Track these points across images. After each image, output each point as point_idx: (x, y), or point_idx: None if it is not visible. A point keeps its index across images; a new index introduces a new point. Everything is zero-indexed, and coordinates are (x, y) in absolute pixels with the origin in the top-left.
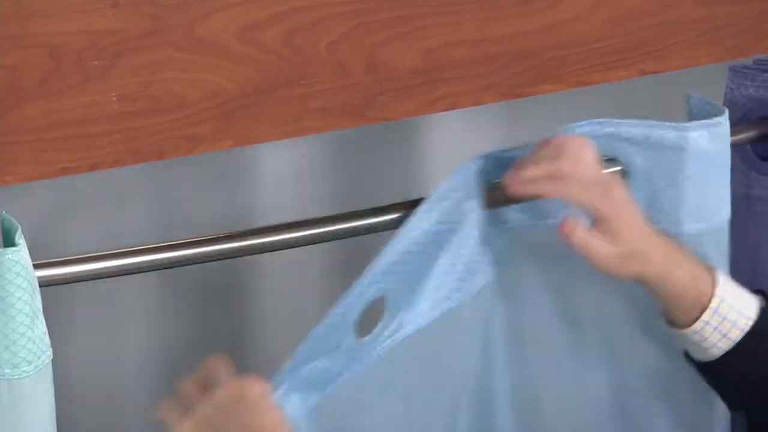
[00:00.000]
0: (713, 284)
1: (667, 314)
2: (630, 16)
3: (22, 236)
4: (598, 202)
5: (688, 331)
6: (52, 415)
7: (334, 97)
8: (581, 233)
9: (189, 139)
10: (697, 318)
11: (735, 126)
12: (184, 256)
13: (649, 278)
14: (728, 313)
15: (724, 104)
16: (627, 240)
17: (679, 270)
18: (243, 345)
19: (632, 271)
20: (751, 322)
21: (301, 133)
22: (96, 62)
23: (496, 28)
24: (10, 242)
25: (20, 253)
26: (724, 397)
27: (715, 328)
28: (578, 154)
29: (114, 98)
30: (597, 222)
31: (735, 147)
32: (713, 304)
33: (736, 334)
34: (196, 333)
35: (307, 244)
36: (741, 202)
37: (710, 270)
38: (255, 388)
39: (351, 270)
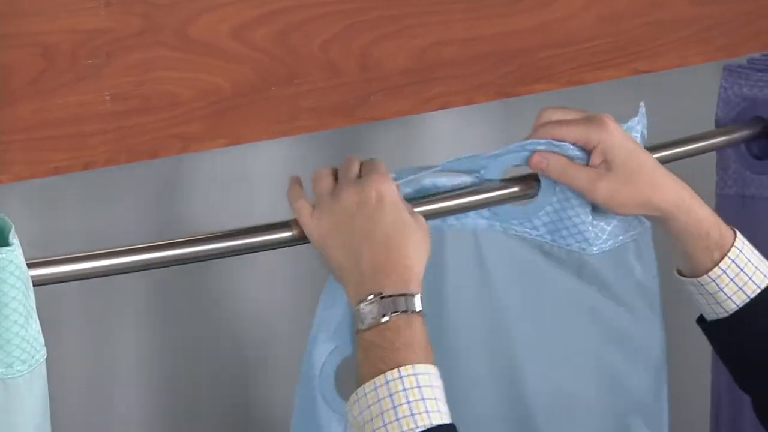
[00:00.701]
0: (733, 235)
1: (684, 259)
2: (622, 15)
3: (16, 236)
4: (586, 133)
5: (704, 278)
6: (47, 415)
7: (327, 97)
8: (557, 161)
9: (181, 138)
10: (716, 265)
11: (729, 125)
12: (178, 255)
13: (664, 208)
14: (746, 266)
15: (718, 104)
16: (624, 164)
17: (700, 207)
18: (238, 344)
19: (640, 200)
20: (767, 281)
21: (294, 133)
22: (88, 61)
23: (487, 27)
24: (3, 242)
25: (14, 253)
26: (732, 364)
27: (732, 279)
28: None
29: (106, 97)
30: (591, 154)
31: (730, 146)
32: (732, 254)
33: (752, 289)
34: (191, 332)
35: (299, 244)
36: (736, 201)
37: (727, 224)
38: (376, 188)
39: None
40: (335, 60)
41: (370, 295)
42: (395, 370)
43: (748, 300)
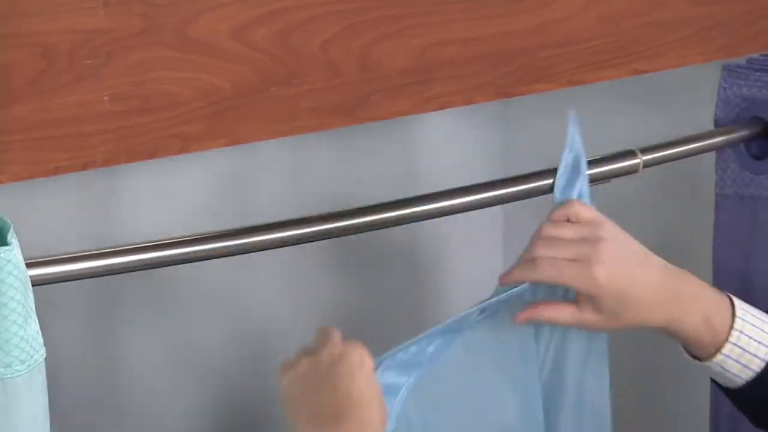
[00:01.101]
0: (731, 319)
1: (686, 348)
2: (621, 15)
3: (15, 235)
4: (576, 286)
5: (708, 363)
6: (46, 415)
7: (327, 97)
8: (546, 311)
9: (181, 138)
10: (714, 355)
11: (728, 125)
12: (178, 254)
13: (653, 328)
14: (748, 346)
15: (717, 104)
16: (610, 308)
17: (688, 316)
18: (238, 344)
19: (628, 327)
20: None
21: (294, 133)
22: (88, 61)
23: (487, 27)
24: (2, 241)
25: (12, 252)
26: (752, 420)
27: (736, 360)
28: (551, 231)
29: (106, 97)
30: (578, 296)
31: (729, 146)
32: (732, 339)
33: (758, 364)
34: (191, 332)
35: (300, 243)
36: (734, 201)
37: (725, 302)
38: (357, 353)
39: (342, 269)
40: (335, 60)
41: None
42: None
43: (755, 374)
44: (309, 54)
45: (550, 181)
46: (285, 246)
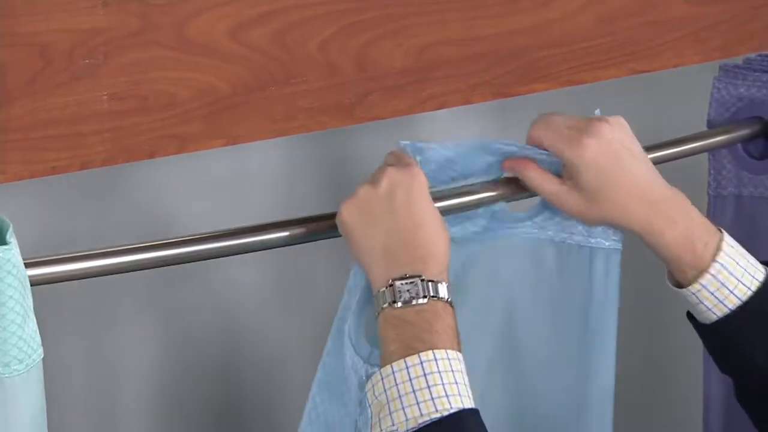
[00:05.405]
0: (715, 249)
1: (668, 270)
2: (619, 15)
3: (14, 234)
4: (558, 148)
5: (684, 291)
6: (43, 414)
7: (324, 96)
8: (527, 169)
9: (179, 138)
10: (691, 283)
11: (729, 125)
12: (176, 254)
13: (629, 229)
14: (727, 281)
15: (711, 104)
16: (590, 185)
17: (670, 229)
18: (238, 343)
19: (604, 219)
20: (750, 293)
21: (291, 132)
22: (86, 61)
23: (485, 27)
24: (1, 240)
25: (11, 252)
26: (717, 362)
27: (712, 294)
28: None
29: (104, 97)
30: (564, 168)
31: (728, 146)
32: (712, 270)
33: (733, 302)
34: (190, 332)
35: (298, 243)
36: (732, 201)
37: (713, 231)
38: (416, 177)
39: (340, 269)
40: (333, 60)
41: (408, 275)
42: (430, 351)
43: (728, 312)
44: (306, 54)
45: (496, 192)
46: (283, 246)
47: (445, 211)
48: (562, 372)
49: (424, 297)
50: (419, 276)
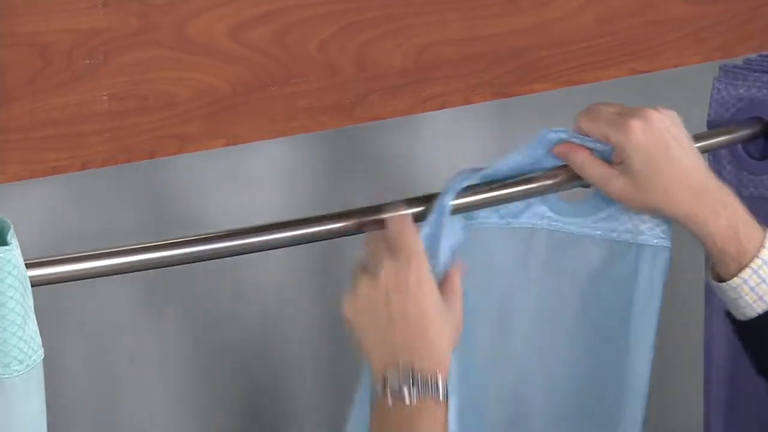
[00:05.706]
0: (759, 245)
1: (711, 264)
2: (619, 15)
3: (14, 235)
4: (606, 133)
5: (725, 285)
6: (43, 415)
7: (324, 97)
8: (576, 153)
9: (179, 138)
10: (733, 276)
11: (730, 125)
12: (177, 255)
13: (673, 218)
14: None
15: (710, 105)
16: (639, 169)
17: (715, 218)
18: (237, 343)
19: (649, 206)
20: None
21: (291, 132)
22: (86, 61)
23: (485, 27)
24: (2, 241)
25: (12, 252)
26: (753, 361)
27: (752, 288)
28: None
29: (104, 97)
30: (614, 153)
31: (728, 146)
32: (754, 264)
33: None
34: (189, 332)
35: (297, 244)
36: None
37: (758, 227)
38: (413, 272)
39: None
40: (333, 60)
41: (402, 371)
42: None
43: (767, 308)
44: (306, 54)
45: (549, 182)
46: (285, 246)
47: (493, 201)
48: (600, 364)
49: (417, 394)
50: (412, 373)
